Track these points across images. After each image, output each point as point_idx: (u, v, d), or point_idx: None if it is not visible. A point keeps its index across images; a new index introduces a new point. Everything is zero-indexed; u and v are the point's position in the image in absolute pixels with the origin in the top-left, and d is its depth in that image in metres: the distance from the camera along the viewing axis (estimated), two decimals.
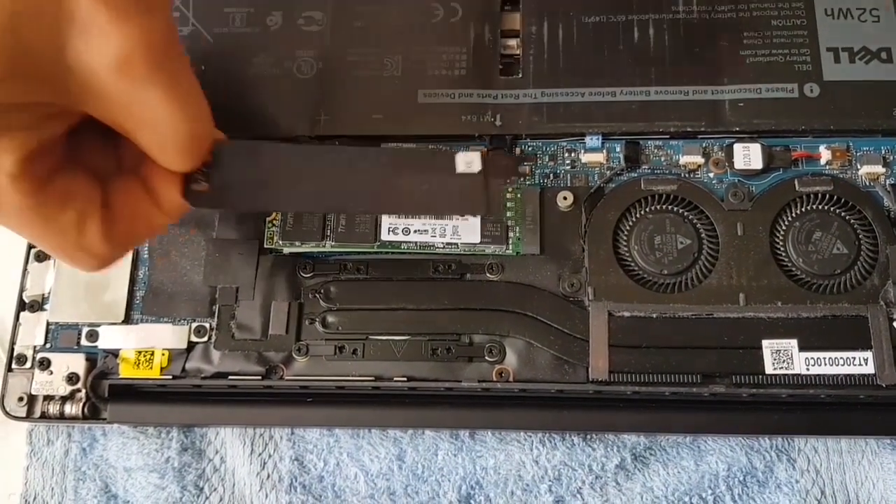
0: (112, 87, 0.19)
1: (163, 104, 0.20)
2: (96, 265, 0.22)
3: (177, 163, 0.22)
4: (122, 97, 0.20)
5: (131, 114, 0.20)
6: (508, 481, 0.28)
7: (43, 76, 0.19)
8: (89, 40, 0.19)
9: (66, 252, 0.22)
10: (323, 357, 0.28)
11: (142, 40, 0.19)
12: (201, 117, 0.22)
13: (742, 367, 0.27)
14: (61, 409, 0.28)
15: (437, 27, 0.31)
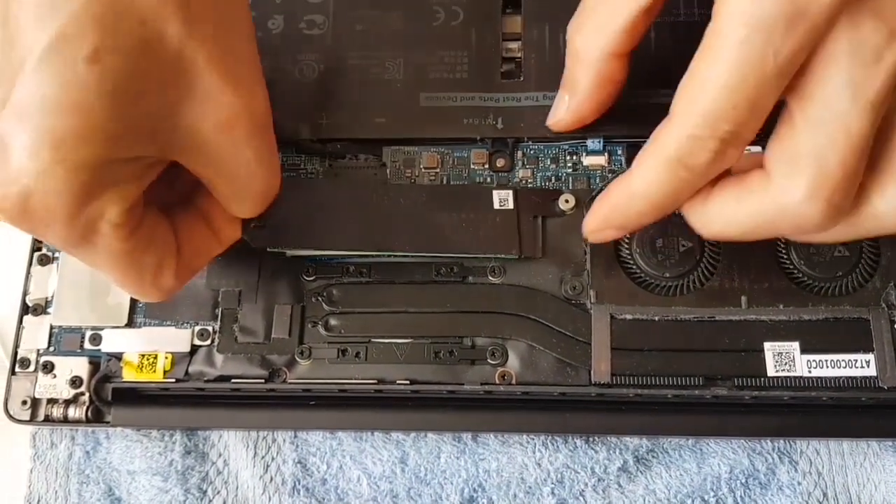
0: (212, 145, 0.22)
1: (253, 162, 0.23)
2: (163, 298, 0.24)
3: (247, 211, 0.25)
4: (220, 153, 0.22)
5: (221, 167, 0.23)
6: (511, 484, 0.28)
7: (155, 133, 0.21)
8: (203, 103, 0.21)
9: (140, 289, 0.23)
10: (326, 360, 0.28)
11: (247, 106, 0.22)
12: (277, 174, 0.25)
13: (744, 369, 0.27)
14: (65, 413, 0.28)
15: (439, 30, 0.31)
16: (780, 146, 0.21)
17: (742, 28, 0.20)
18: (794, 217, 0.21)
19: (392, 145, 0.30)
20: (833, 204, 0.21)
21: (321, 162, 0.30)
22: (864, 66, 0.20)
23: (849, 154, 0.20)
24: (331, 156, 0.30)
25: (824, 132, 0.20)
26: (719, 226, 0.23)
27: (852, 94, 0.20)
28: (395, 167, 0.30)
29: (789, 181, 0.21)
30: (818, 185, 0.21)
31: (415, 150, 0.30)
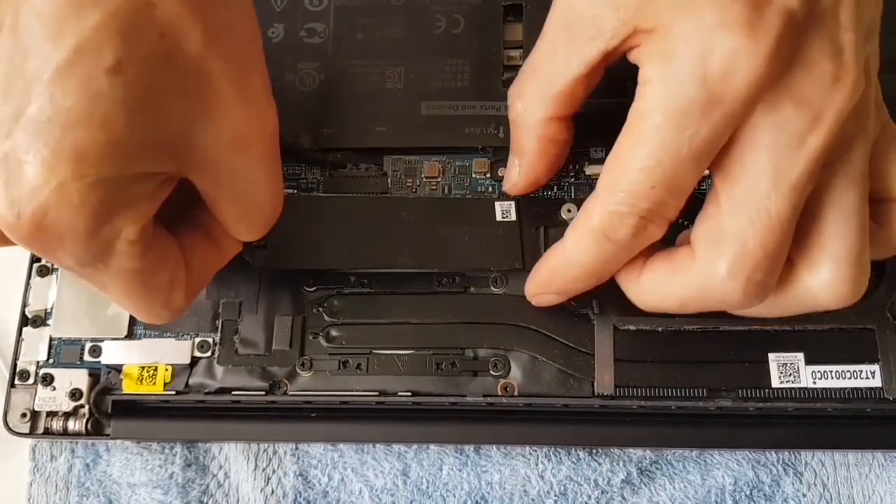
0: (226, 162, 0.22)
1: (263, 183, 0.23)
2: (172, 319, 0.24)
3: (249, 234, 0.24)
4: (232, 172, 0.22)
5: (231, 187, 0.22)
6: (514, 496, 0.28)
7: (173, 148, 0.20)
8: (219, 119, 0.21)
9: (151, 310, 0.23)
10: (327, 372, 0.28)
11: (260, 123, 0.22)
12: (282, 198, 0.24)
13: (748, 380, 0.26)
14: (64, 425, 0.28)
15: (440, 38, 0.30)
16: (705, 224, 0.22)
17: (658, 113, 0.21)
18: (718, 294, 0.22)
19: (393, 154, 0.30)
20: (754, 282, 0.21)
21: (322, 171, 0.30)
22: (787, 150, 0.20)
23: (769, 236, 0.21)
24: (332, 165, 0.30)
25: (746, 214, 0.21)
26: (653, 299, 0.24)
27: (774, 178, 0.20)
28: (396, 176, 0.30)
29: (712, 260, 0.21)
30: (739, 264, 0.21)
31: (416, 160, 0.30)
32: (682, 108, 0.20)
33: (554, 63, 0.23)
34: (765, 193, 0.20)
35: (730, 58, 0.20)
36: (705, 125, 0.20)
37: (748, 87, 0.20)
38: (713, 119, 0.20)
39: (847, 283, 0.22)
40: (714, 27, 0.20)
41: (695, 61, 0.20)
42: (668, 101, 0.21)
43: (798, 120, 0.20)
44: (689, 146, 0.20)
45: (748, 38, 0.19)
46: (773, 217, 0.21)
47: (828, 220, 0.22)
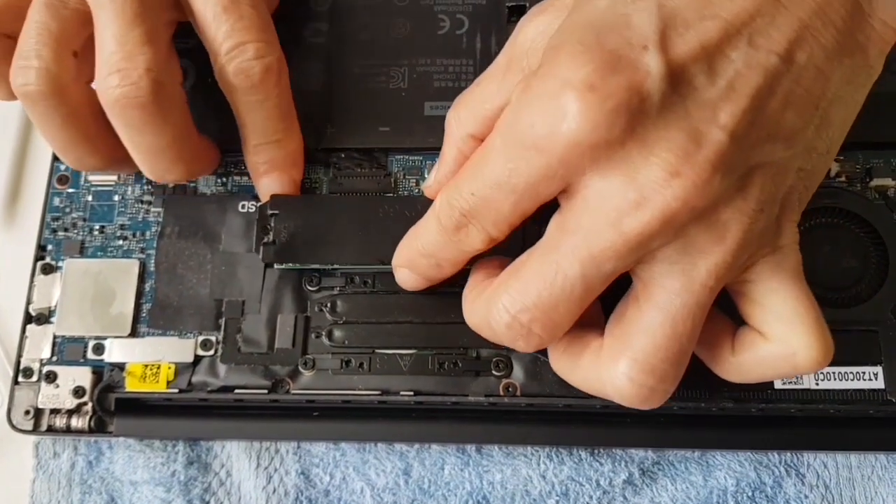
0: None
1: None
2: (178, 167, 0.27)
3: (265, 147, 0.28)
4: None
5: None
6: (515, 496, 0.28)
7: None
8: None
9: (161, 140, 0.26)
10: (329, 371, 0.28)
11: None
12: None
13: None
14: (68, 423, 0.28)
15: (443, 39, 0.31)
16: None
17: (497, 137, 0.22)
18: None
19: (397, 154, 0.30)
20: (509, 322, 0.22)
21: (325, 171, 0.30)
22: (602, 220, 0.20)
23: (549, 291, 0.21)
24: (335, 165, 0.30)
25: (543, 261, 0.21)
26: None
27: (580, 240, 0.20)
28: (399, 176, 0.30)
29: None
30: (500, 305, 0.22)
31: (419, 160, 0.30)
32: (511, 141, 0.21)
33: (490, 86, 0.24)
34: (567, 249, 0.20)
35: (557, 113, 0.19)
36: (524, 165, 0.20)
37: (565, 149, 0.20)
38: (532, 163, 0.20)
39: (633, 385, 0.21)
40: (560, 80, 0.20)
41: (534, 105, 0.20)
42: (505, 129, 0.21)
43: (622, 197, 0.20)
44: (507, 177, 0.21)
45: (581, 101, 0.19)
46: (559, 276, 0.21)
47: (643, 315, 0.21)
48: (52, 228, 0.30)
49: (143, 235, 0.30)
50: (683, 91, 0.19)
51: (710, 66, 0.19)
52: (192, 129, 0.27)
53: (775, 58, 0.19)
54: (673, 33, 0.19)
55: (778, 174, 0.21)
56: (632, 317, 0.22)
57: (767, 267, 0.21)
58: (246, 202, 0.29)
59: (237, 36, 0.25)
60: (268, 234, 0.27)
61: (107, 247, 0.30)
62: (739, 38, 0.19)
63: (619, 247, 0.20)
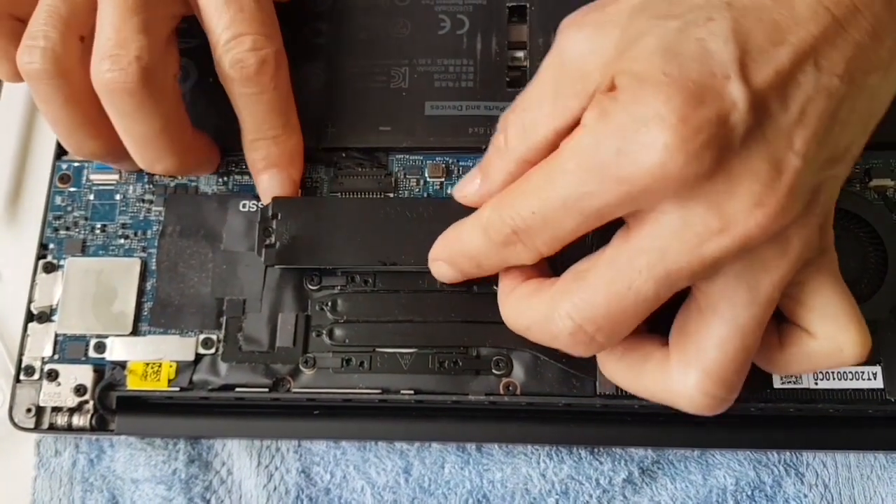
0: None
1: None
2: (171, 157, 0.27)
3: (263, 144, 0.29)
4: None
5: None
6: (515, 495, 0.28)
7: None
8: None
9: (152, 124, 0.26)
10: (330, 369, 0.28)
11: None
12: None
13: (750, 380, 0.26)
14: (69, 421, 0.28)
15: (444, 39, 0.31)
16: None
17: (572, 159, 0.21)
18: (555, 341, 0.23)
19: (397, 154, 0.30)
20: (575, 330, 0.22)
21: (326, 171, 0.30)
22: (680, 243, 0.20)
23: (617, 303, 0.21)
24: (336, 164, 0.30)
25: (612, 275, 0.21)
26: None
27: (654, 258, 0.20)
28: (400, 176, 0.30)
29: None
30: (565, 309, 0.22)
31: (420, 159, 0.30)
32: (589, 167, 0.20)
33: (541, 109, 0.23)
34: (642, 266, 0.21)
35: (647, 145, 0.19)
36: (601, 191, 0.20)
37: (652, 181, 0.19)
38: (611, 191, 0.20)
39: (705, 397, 0.22)
40: (651, 113, 0.19)
41: (619, 132, 0.20)
42: (583, 152, 0.21)
43: (704, 224, 0.20)
44: (577, 200, 0.21)
45: (673, 134, 0.19)
46: (632, 291, 0.21)
47: (711, 328, 0.22)
48: (54, 227, 0.30)
49: (145, 234, 0.30)
50: (763, 119, 0.19)
51: (783, 92, 0.20)
52: (183, 122, 0.27)
53: (837, 80, 0.20)
54: (750, 61, 0.19)
55: (834, 188, 0.22)
56: (699, 330, 0.22)
57: (812, 269, 0.22)
58: (247, 201, 0.29)
59: (235, 27, 0.26)
60: (269, 237, 0.27)
61: (108, 245, 0.30)
62: (808, 62, 0.20)
63: (695, 268, 0.20)
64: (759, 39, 0.19)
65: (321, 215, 0.27)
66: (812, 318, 0.23)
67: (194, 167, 0.29)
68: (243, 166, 0.30)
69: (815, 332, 0.23)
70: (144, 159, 0.27)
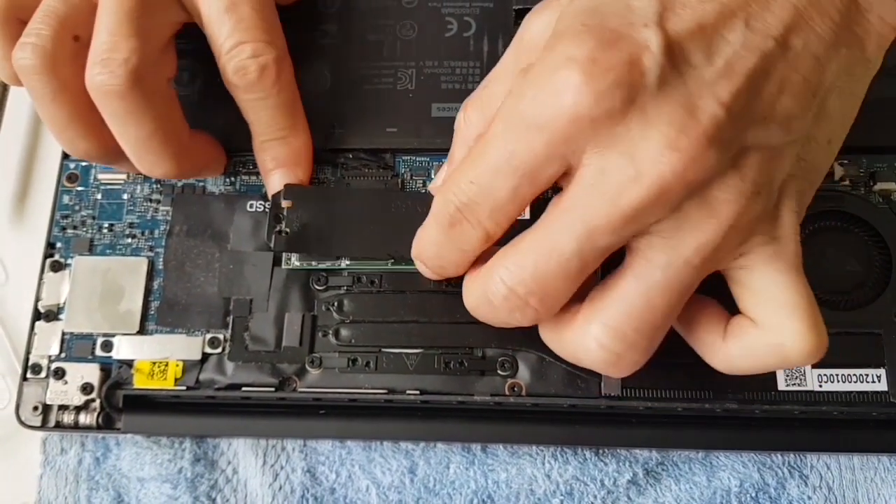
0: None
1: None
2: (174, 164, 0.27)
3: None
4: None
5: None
6: (520, 496, 0.28)
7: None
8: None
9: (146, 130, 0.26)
10: (336, 369, 0.28)
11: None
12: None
13: (754, 383, 0.27)
14: (76, 419, 0.28)
15: (451, 41, 0.31)
16: None
17: (499, 121, 0.21)
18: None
19: (404, 155, 0.30)
20: (515, 297, 0.22)
21: (333, 171, 0.30)
22: (599, 195, 0.20)
23: (546, 265, 0.21)
24: (343, 165, 0.30)
25: (540, 240, 0.22)
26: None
27: (576, 218, 0.21)
28: (406, 177, 0.30)
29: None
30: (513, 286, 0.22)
31: (426, 160, 0.30)
32: (512, 123, 0.21)
33: (497, 86, 0.24)
34: (564, 224, 0.21)
35: (560, 87, 0.20)
36: (526, 145, 0.21)
37: (566, 122, 0.20)
38: (534, 142, 0.20)
39: (602, 349, 0.22)
40: (563, 57, 0.20)
41: (536, 81, 0.20)
42: (507, 110, 0.21)
43: (620, 172, 0.20)
44: (508, 160, 0.21)
45: (582, 73, 0.19)
46: (555, 250, 0.21)
47: (621, 283, 0.22)
48: (62, 226, 0.30)
49: (152, 234, 0.30)
50: (682, 68, 0.20)
51: (708, 45, 0.20)
52: (178, 125, 0.27)
53: (771, 41, 0.20)
54: (671, 13, 0.20)
55: (774, 158, 0.21)
56: (611, 285, 0.22)
57: (764, 255, 0.22)
58: (254, 201, 0.30)
59: (236, 36, 0.26)
60: (280, 224, 0.27)
61: (115, 245, 0.30)
62: (736, 20, 0.20)
63: (614, 221, 0.20)
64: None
65: (333, 205, 0.28)
66: (757, 305, 0.22)
67: (195, 171, 0.29)
68: (250, 166, 0.30)
69: (758, 319, 0.22)
70: (142, 163, 0.27)
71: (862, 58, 0.22)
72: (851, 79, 0.22)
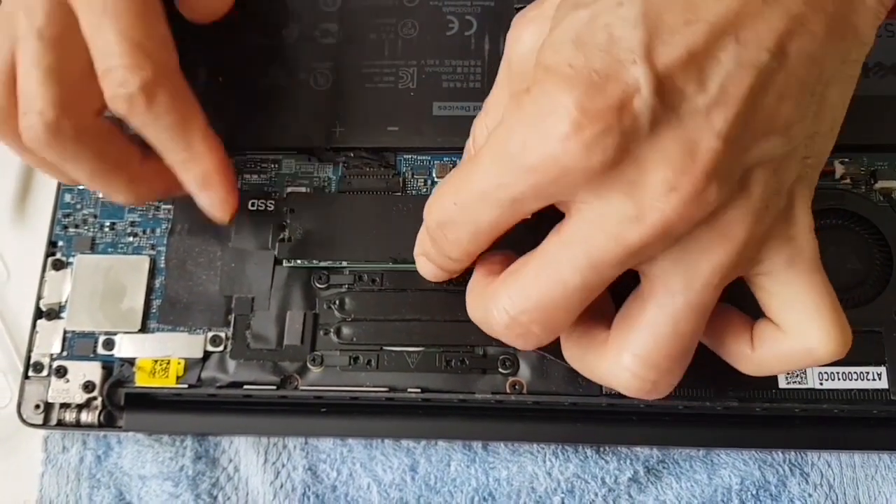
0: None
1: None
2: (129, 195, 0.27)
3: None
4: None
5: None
6: (521, 493, 0.28)
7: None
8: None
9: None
10: (337, 367, 0.28)
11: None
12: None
13: (755, 381, 0.26)
14: (77, 417, 0.28)
15: (452, 40, 0.31)
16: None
17: (487, 152, 0.21)
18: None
19: (405, 154, 0.30)
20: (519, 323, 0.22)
21: (334, 170, 0.30)
22: (602, 234, 0.20)
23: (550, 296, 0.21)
24: (344, 164, 0.30)
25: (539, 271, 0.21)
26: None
27: (580, 252, 0.20)
28: (408, 176, 0.30)
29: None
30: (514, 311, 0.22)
31: (428, 159, 0.30)
32: (502, 158, 0.20)
33: (496, 110, 0.23)
34: (567, 259, 0.21)
35: (549, 137, 0.19)
36: (514, 182, 0.20)
37: (556, 171, 0.19)
38: (523, 181, 0.20)
39: (635, 379, 0.22)
40: (551, 103, 0.19)
41: (526, 123, 0.20)
42: (496, 144, 0.21)
43: (620, 213, 0.20)
44: (494, 190, 0.21)
45: (572, 125, 0.19)
46: (559, 284, 0.21)
47: (645, 312, 0.22)
48: (63, 225, 0.30)
49: (154, 232, 0.30)
50: (674, 101, 0.19)
51: (699, 72, 0.19)
52: (121, 156, 0.27)
53: (766, 54, 0.19)
54: (658, 44, 0.19)
55: (780, 169, 0.20)
56: (635, 313, 0.22)
57: (782, 258, 0.21)
58: (255, 200, 0.30)
59: (102, 63, 0.25)
60: (283, 231, 0.27)
61: (117, 243, 0.30)
62: (727, 38, 0.19)
63: (619, 257, 0.20)
64: (670, 20, 0.19)
65: (334, 211, 0.28)
66: (781, 311, 0.22)
67: (154, 196, 0.28)
68: (251, 165, 0.30)
69: (784, 325, 0.22)
70: (105, 193, 0.27)
71: (857, 42, 0.21)
72: (847, 65, 0.21)
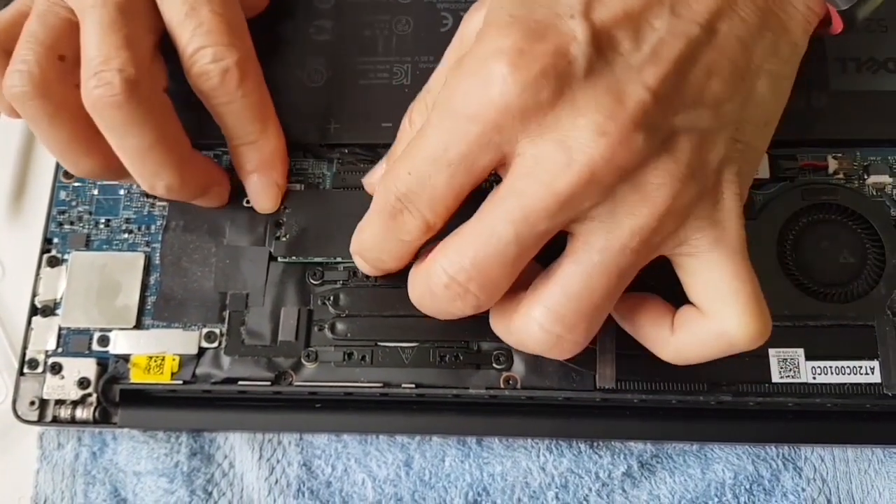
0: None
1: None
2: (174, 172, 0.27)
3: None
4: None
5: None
6: (515, 488, 0.28)
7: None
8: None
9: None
10: (332, 363, 0.28)
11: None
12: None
13: (748, 375, 0.27)
14: (72, 414, 0.28)
15: (447, 36, 0.30)
16: None
17: (434, 112, 0.22)
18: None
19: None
20: (457, 284, 0.22)
21: (329, 167, 0.30)
22: (535, 183, 0.21)
23: (483, 251, 0.21)
24: (338, 161, 0.30)
25: (480, 227, 0.22)
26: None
27: (513, 204, 0.21)
28: None
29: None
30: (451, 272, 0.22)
31: None
32: (445, 114, 0.21)
33: (438, 85, 0.24)
34: (501, 212, 0.21)
35: (488, 79, 0.20)
36: (459, 136, 0.21)
37: (495, 113, 0.20)
38: (467, 132, 0.21)
39: (541, 330, 0.22)
40: (491, 48, 0.20)
41: (466, 76, 0.21)
42: (441, 103, 0.22)
43: (552, 159, 0.20)
44: (443, 150, 0.21)
45: (509, 65, 0.20)
46: (493, 237, 0.21)
47: (561, 267, 0.22)
48: (59, 222, 0.30)
49: (149, 229, 0.30)
50: (610, 56, 0.20)
51: (634, 32, 0.21)
52: (177, 135, 0.27)
53: (697, 27, 0.21)
54: (597, 3, 0.21)
55: (706, 141, 0.21)
56: (553, 270, 0.22)
57: (706, 241, 0.22)
58: None
59: (197, 40, 0.26)
60: (280, 229, 0.28)
61: (112, 240, 0.30)
62: (662, 7, 0.21)
63: (550, 206, 0.21)
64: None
65: (328, 208, 0.28)
66: (701, 293, 0.23)
67: (198, 187, 0.28)
68: None
69: (702, 307, 0.23)
70: (143, 176, 0.27)
71: (788, 41, 0.22)
72: (779, 60, 0.22)
